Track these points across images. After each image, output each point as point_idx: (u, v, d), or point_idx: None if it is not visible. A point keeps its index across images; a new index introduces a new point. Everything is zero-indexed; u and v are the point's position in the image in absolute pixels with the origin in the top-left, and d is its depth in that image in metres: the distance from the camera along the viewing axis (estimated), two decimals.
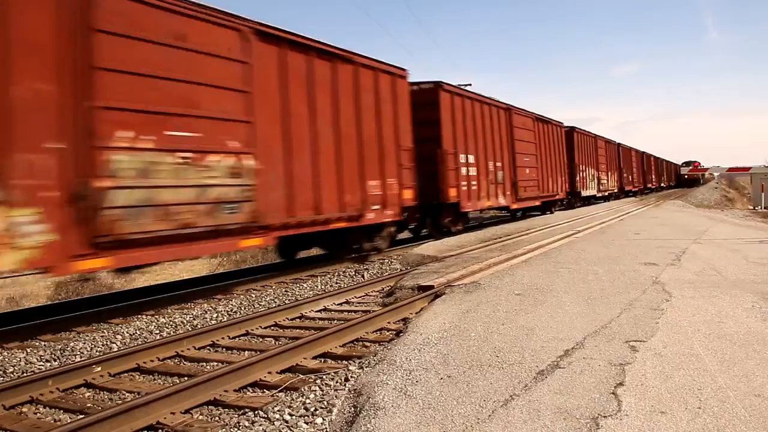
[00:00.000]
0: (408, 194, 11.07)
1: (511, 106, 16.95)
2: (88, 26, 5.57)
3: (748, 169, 19.11)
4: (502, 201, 15.93)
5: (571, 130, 23.82)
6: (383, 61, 10.65)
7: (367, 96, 10.05)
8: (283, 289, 8.24)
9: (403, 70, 11.26)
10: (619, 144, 33.63)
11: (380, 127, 10.36)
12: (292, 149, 8.21)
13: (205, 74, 6.79)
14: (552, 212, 20.94)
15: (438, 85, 12.88)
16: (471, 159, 14.03)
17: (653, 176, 48.09)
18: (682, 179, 63.00)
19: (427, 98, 12.62)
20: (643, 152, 43.72)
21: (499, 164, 15.75)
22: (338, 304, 7.13)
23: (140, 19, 6.09)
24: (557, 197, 21.32)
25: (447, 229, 13.63)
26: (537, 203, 18.97)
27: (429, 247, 11.03)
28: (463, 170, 13.59)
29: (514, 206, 17.13)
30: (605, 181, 29.20)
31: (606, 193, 29.46)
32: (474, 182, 14.11)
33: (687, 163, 65.81)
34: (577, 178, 24.13)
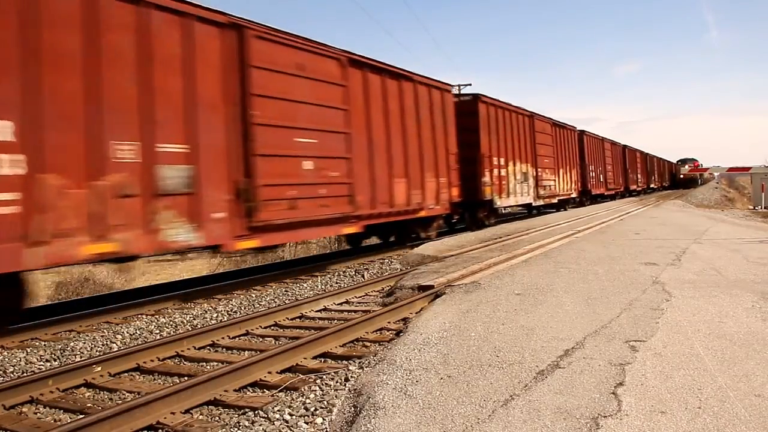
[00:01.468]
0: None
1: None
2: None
3: (748, 169, 19.07)
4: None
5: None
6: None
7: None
8: (283, 289, 8.24)
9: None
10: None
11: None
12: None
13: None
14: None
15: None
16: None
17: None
18: (677, 179, 56.18)
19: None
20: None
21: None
22: (338, 304, 7.13)
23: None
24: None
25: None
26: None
27: (429, 247, 11.02)
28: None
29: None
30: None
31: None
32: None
33: (683, 161, 58.06)
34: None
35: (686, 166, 54.56)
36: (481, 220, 15.62)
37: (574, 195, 23.64)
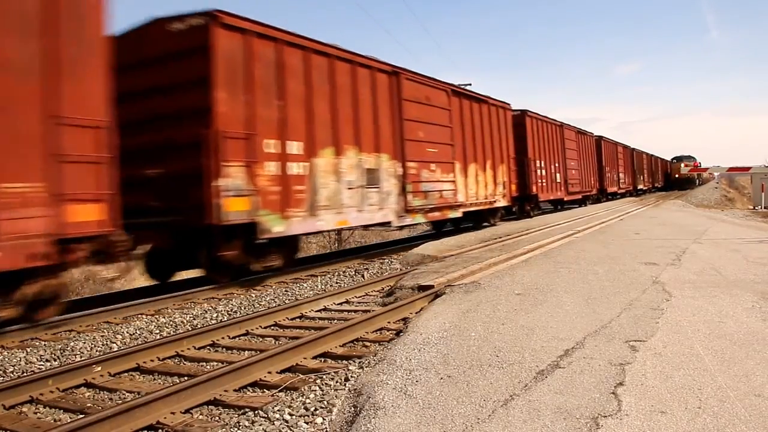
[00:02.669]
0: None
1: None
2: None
3: (748, 169, 19.04)
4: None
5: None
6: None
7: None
8: (283, 289, 8.24)
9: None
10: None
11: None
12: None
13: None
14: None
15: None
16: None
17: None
18: (672, 179, 50.79)
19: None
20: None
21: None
22: (338, 304, 7.13)
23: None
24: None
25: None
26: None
27: (429, 247, 11.03)
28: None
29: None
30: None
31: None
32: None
33: (678, 158, 50.44)
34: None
35: (682, 165, 46.54)
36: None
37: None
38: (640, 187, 39.79)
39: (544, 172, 19.34)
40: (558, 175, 21.07)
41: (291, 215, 8.37)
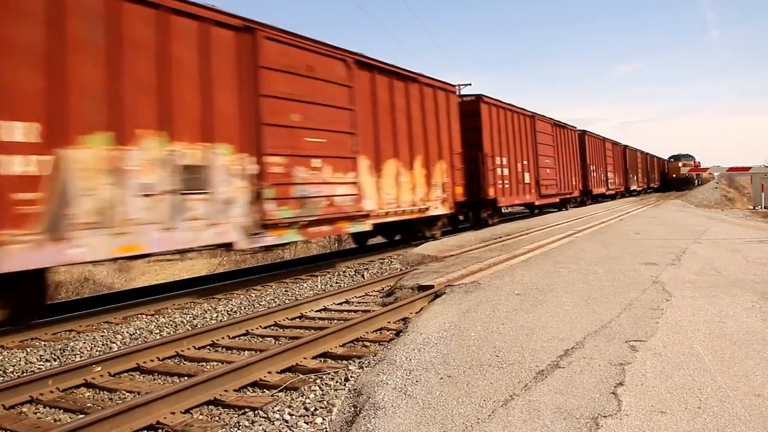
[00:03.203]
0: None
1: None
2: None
3: (748, 169, 19.02)
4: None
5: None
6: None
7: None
8: (283, 289, 8.24)
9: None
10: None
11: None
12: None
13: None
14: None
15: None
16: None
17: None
18: (669, 179, 47.94)
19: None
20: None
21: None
22: (338, 304, 7.13)
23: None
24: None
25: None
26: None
27: (429, 247, 11.03)
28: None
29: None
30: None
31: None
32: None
33: (676, 157, 47.61)
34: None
35: (680, 164, 45.12)
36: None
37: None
38: (633, 187, 36.78)
39: (506, 171, 16.04)
40: (527, 174, 17.73)
41: (6, 240, 5.24)
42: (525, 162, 17.57)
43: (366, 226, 10.02)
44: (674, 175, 46.20)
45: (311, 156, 8.77)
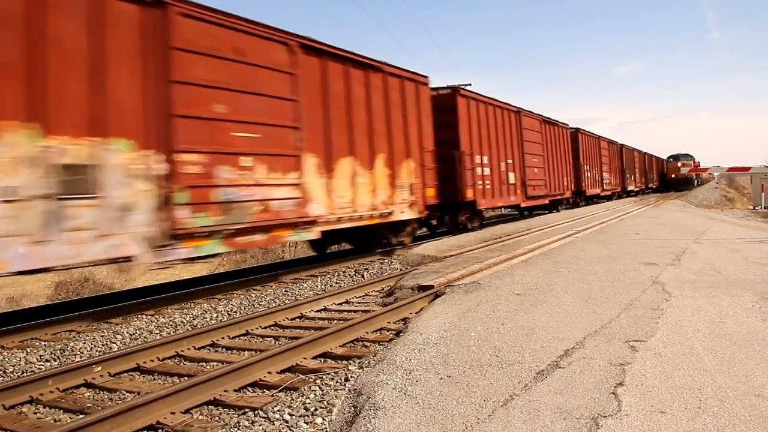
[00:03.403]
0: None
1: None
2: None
3: (748, 169, 19.03)
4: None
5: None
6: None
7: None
8: (283, 289, 8.24)
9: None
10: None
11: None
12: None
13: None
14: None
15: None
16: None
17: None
18: (668, 179, 46.64)
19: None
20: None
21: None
22: (338, 304, 7.13)
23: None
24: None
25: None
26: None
27: (429, 247, 11.03)
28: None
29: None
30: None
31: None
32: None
33: (675, 157, 46.19)
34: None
35: (679, 164, 43.90)
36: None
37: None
38: (630, 188, 35.78)
39: (488, 170, 14.85)
40: (512, 174, 16.56)
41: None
42: (509, 161, 16.43)
43: (312, 234, 8.75)
44: (673, 176, 45.23)
45: (240, 153, 7.51)
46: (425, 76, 12.22)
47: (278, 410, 3.65)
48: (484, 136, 14.93)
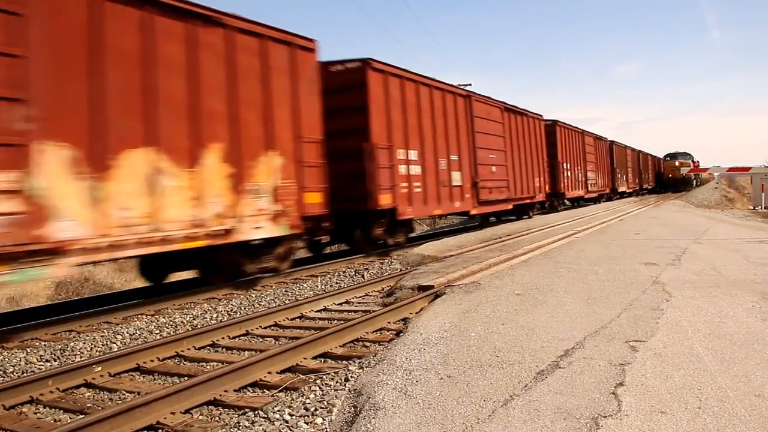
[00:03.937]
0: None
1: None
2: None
3: (748, 169, 19.03)
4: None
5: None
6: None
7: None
8: (283, 289, 8.24)
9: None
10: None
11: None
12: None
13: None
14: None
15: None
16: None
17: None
18: (664, 179, 43.65)
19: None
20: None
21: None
22: (338, 304, 7.13)
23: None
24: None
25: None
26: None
27: (429, 247, 11.03)
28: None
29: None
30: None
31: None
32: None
33: (672, 156, 42.97)
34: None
35: (676, 163, 40.78)
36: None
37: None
38: (621, 189, 32.95)
39: (417, 168, 11.78)
40: (457, 174, 13.40)
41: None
42: (453, 157, 13.14)
43: (57, 268, 5.68)
44: (670, 175, 42.11)
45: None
46: (309, 39, 8.98)
47: (278, 410, 3.65)
48: (413, 125, 11.61)
